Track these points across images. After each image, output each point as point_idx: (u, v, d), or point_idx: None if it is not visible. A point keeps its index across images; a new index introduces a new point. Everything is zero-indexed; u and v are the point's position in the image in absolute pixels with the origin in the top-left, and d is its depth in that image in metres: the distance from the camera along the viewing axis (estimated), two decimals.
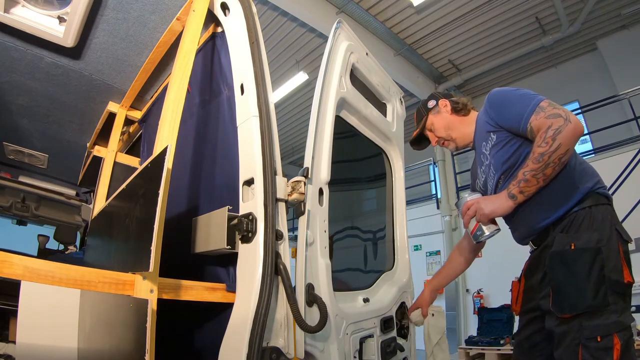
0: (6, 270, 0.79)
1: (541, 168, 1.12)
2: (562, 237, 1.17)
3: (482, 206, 1.27)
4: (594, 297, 1.06)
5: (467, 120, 1.48)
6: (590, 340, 1.05)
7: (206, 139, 1.60)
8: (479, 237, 1.34)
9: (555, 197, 1.20)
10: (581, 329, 1.07)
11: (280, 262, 1.13)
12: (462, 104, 1.50)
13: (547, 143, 1.10)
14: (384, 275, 1.87)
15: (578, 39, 7.21)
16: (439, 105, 1.52)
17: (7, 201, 3.27)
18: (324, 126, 1.41)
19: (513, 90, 1.30)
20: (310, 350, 1.19)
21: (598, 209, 1.17)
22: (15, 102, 2.25)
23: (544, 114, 1.15)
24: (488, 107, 1.35)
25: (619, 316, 1.05)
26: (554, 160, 1.11)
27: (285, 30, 6.93)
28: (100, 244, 1.74)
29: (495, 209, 1.24)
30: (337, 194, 1.58)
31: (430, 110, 1.54)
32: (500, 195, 1.24)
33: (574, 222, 1.17)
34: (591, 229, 1.14)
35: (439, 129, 1.52)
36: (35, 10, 1.55)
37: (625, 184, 4.90)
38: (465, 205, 1.34)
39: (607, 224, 1.15)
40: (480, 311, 5.93)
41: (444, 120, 1.50)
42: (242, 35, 1.33)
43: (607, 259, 1.08)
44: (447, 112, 1.50)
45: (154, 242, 0.90)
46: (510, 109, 1.26)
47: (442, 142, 1.54)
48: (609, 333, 1.03)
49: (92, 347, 0.88)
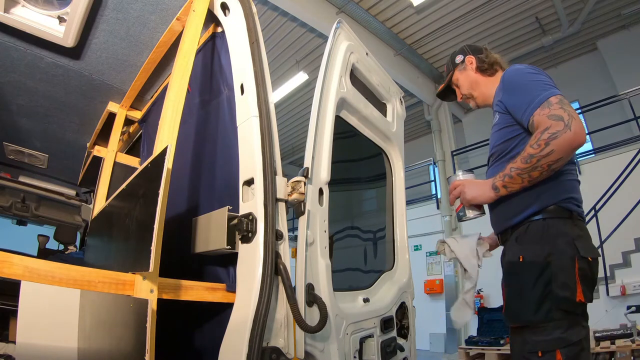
0: (6, 270, 0.79)
1: (528, 169, 1.08)
2: (514, 248, 1.17)
3: (465, 190, 1.27)
4: (536, 311, 1.05)
5: (491, 81, 1.43)
6: (532, 354, 1.05)
7: (206, 139, 1.60)
8: (461, 217, 1.35)
9: (520, 201, 1.17)
10: (525, 343, 1.07)
11: (280, 262, 1.13)
12: (487, 64, 1.44)
13: (539, 145, 1.04)
14: (384, 275, 1.87)
15: (578, 39, 7.22)
16: (466, 61, 1.48)
17: (7, 201, 3.27)
18: (324, 126, 1.41)
19: (530, 73, 1.20)
20: (310, 350, 1.19)
21: (554, 222, 1.12)
22: (15, 102, 2.25)
23: (547, 111, 1.06)
24: (502, 85, 1.28)
25: (562, 332, 1.02)
26: (542, 165, 1.05)
27: (285, 30, 6.93)
28: (100, 244, 1.74)
29: (476, 197, 1.25)
30: (337, 194, 1.58)
31: (457, 65, 1.50)
32: (485, 183, 1.22)
33: (527, 232, 1.15)
34: (542, 242, 1.10)
35: (462, 86, 1.49)
36: (35, 10, 1.55)
37: (625, 184, 4.90)
38: (452, 184, 1.34)
39: (562, 238, 1.09)
40: (480, 311, 5.92)
41: (469, 78, 1.46)
42: (242, 35, 1.33)
43: (555, 274, 1.05)
44: (472, 70, 1.46)
45: (154, 242, 0.90)
46: (518, 95, 1.18)
47: (466, 99, 1.51)
48: (550, 349, 1.02)
49: (92, 347, 0.88)
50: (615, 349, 3.79)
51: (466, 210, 1.33)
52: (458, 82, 1.50)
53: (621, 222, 4.77)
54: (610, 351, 3.80)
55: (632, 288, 4.60)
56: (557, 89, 1.13)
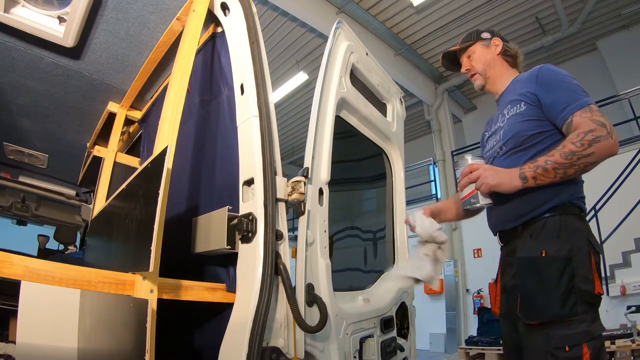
0: (6, 270, 0.79)
1: (566, 165, 1.07)
2: (532, 244, 1.16)
3: (487, 174, 1.18)
4: (562, 306, 1.05)
5: (509, 70, 1.42)
6: (559, 349, 1.04)
7: (206, 139, 1.60)
8: (472, 204, 1.24)
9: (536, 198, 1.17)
10: (549, 338, 1.06)
11: (280, 262, 1.13)
12: (513, 54, 1.44)
13: (582, 145, 1.05)
14: (384, 275, 1.87)
15: (578, 39, 7.22)
16: (492, 41, 1.45)
17: (7, 201, 3.27)
18: (324, 126, 1.41)
19: (567, 75, 1.21)
20: (310, 350, 1.19)
21: (569, 219, 1.14)
22: (15, 102, 2.25)
23: (590, 115, 1.09)
24: (535, 78, 1.25)
25: (588, 326, 1.04)
26: (580, 164, 1.07)
27: (285, 30, 6.93)
28: (100, 244, 1.74)
29: (501, 183, 1.15)
30: (337, 194, 1.58)
31: (482, 40, 1.45)
32: (511, 171, 1.16)
33: (544, 228, 1.15)
34: (563, 237, 1.12)
35: (478, 60, 1.44)
36: (35, 10, 1.55)
37: (625, 184, 4.90)
38: (468, 167, 1.23)
39: (579, 234, 1.12)
40: (480, 311, 5.94)
41: (489, 55, 1.43)
42: (242, 35, 1.33)
43: (577, 268, 1.07)
44: (496, 51, 1.43)
45: (154, 242, 0.90)
46: (559, 92, 1.18)
47: (472, 73, 1.46)
48: (577, 343, 1.02)
49: (92, 347, 0.88)
50: (615, 349, 3.79)
51: (480, 196, 1.22)
52: (474, 54, 1.46)
53: (621, 222, 4.77)
54: (610, 351, 3.80)
55: (632, 288, 4.60)
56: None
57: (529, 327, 1.12)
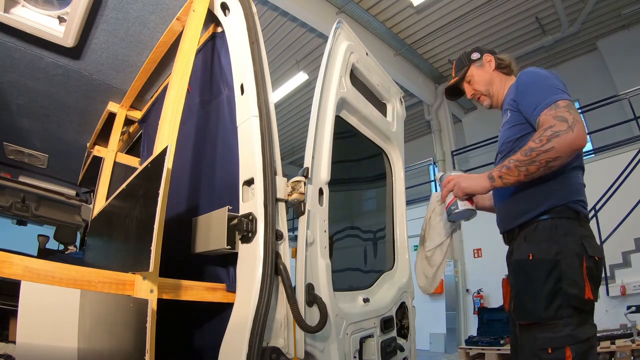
0: (6, 270, 0.79)
1: (526, 162, 1.10)
2: (524, 246, 1.19)
3: (460, 180, 1.29)
4: (546, 308, 1.06)
5: (508, 81, 1.44)
6: (542, 351, 1.06)
7: (206, 139, 1.60)
8: (452, 211, 1.35)
9: (530, 200, 1.20)
10: (535, 340, 1.08)
11: (280, 262, 1.13)
12: (506, 62, 1.46)
13: (540, 141, 1.08)
14: (384, 275, 1.88)
15: (578, 39, 7.21)
16: (483, 59, 1.47)
17: (7, 201, 3.27)
18: (324, 126, 1.41)
19: (544, 77, 1.24)
20: (310, 350, 1.19)
21: (562, 222, 1.15)
22: (15, 102, 2.25)
23: (555, 112, 1.11)
24: (516, 85, 1.31)
25: (573, 329, 1.04)
26: (540, 160, 1.08)
27: (285, 30, 6.93)
28: (100, 244, 1.74)
29: (471, 185, 1.26)
30: (337, 194, 1.58)
31: (474, 62, 1.48)
32: (483, 174, 1.25)
33: (537, 230, 1.17)
34: (551, 240, 1.13)
35: (478, 83, 1.47)
36: (35, 10, 1.55)
37: (625, 184, 4.90)
38: (446, 179, 1.36)
39: (571, 237, 1.12)
40: (480, 311, 5.94)
41: (487, 75, 1.46)
42: (242, 35, 1.33)
43: (565, 272, 1.07)
44: (491, 67, 1.46)
45: (154, 242, 0.90)
46: (531, 96, 1.22)
47: (478, 96, 1.49)
48: (560, 345, 1.03)
49: (92, 347, 0.88)
50: (615, 349, 3.79)
51: (458, 203, 1.32)
52: (473, 78, 1.49)
53: (621, 222, 4.77)
54: (610, 351, 3.80)
55: (632, 288, 4.60)
56: (568, 94, 1.16)
57: (520, 327, 1.16)
